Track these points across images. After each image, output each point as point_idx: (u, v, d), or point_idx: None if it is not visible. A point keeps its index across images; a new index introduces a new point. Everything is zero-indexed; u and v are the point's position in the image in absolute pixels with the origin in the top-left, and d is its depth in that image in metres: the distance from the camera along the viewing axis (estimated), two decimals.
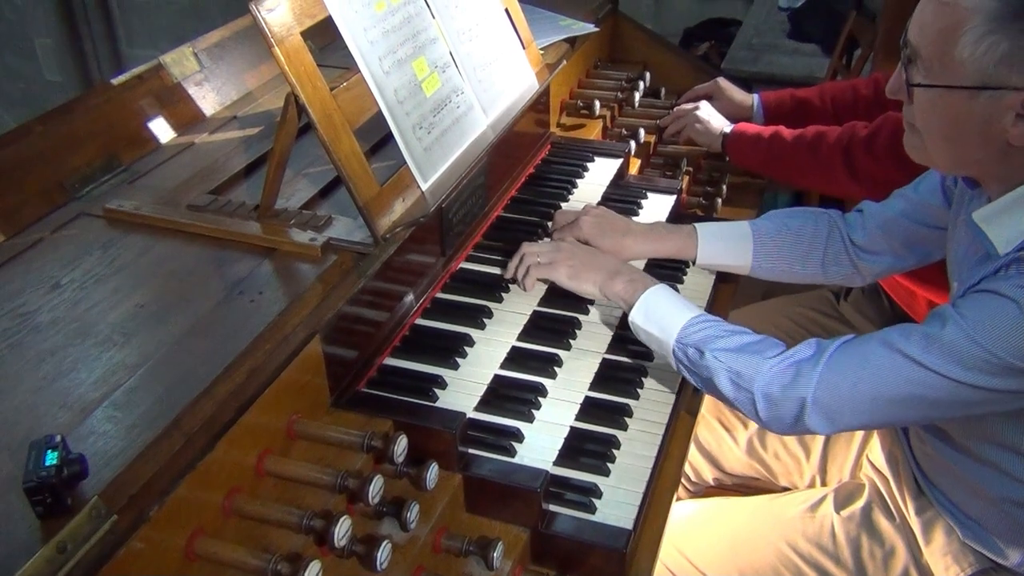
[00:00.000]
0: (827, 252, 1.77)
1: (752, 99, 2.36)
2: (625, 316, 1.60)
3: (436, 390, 1.46)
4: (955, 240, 1.52)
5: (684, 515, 1.79)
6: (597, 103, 2.27)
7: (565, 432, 1.43)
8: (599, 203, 1.99)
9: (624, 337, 1.63)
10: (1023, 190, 1.31)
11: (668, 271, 1.83)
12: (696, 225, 1.82)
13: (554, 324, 1.64)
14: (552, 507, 1.33)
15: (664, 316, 1.51)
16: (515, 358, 1.56)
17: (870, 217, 1.76)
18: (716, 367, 1.42)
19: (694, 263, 1.82)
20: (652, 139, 2.35)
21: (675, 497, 1.44)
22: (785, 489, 1.89)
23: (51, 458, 0.96)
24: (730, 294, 1.91)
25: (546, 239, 1.80)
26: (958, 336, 1.26)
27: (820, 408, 1.35)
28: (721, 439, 1.90)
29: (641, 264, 1.83)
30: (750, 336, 1.45)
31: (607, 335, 1.64)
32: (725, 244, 1.79)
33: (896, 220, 1.72)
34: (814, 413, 1.35)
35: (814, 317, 2.25)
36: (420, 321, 1.62)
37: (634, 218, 1.97)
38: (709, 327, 1.46)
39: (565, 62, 2.17)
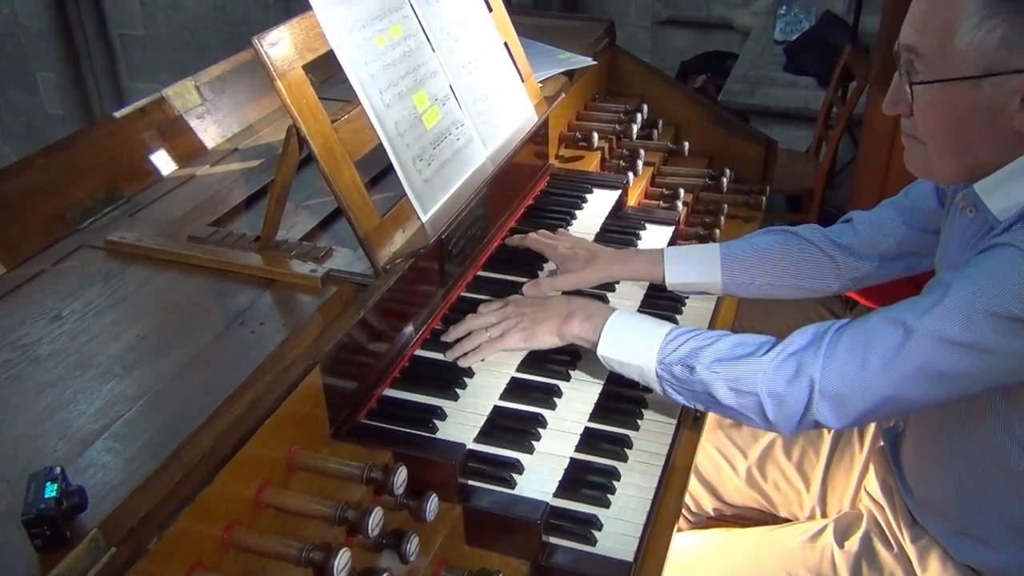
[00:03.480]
0: (800, 260, 1.75)
1: None
2: None
3: (436, 421, 1.46)
4: (948, 233, 1.51)
5: (684, 547, 1.77)
6: (595, 135, 2.28)
7: (565, 463, 1.43)
8: (597, 234, 2.00)
9: None
10: (1023, 160, 1.31)
11: (668, 299, 1.84)
12: (664, 248, 1.81)
13: (553, 355, 1.64)
14: (552, 539, 1.33)
15: (635, 341, 1.47)
16: (515, 389, 1.56)
17: (860, 223, 1.76)
18: (711, 379, 1.38)
19: (664, 285, 1.79)
20: (651, 171, 2.37)
21: (675, 528, 1.44)
22: (785, 520, 1.88)
23: (50, 490, 0.96)
24: (731, 315, 1.92)
25: (489, 304, 1.69)
26: (963, 293, 1.23)
27: (828, 397, 1.31)
28: (721, 469, 1.90)
29: (639, 294, 1.84)
30: (734, 337, 1.41)
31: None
32: (691, 263, 1.77)
33: (888, 225, 1.71)
34: (822, 403, 1.31)
35: (824, 315, 2.25)
36: (420, 352, 1.62)
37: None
38: (689, 339, 1.43)
39: (563, 95, 2.19)
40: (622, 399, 1.57)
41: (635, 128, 2.41)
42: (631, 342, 1.47)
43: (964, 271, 1.27)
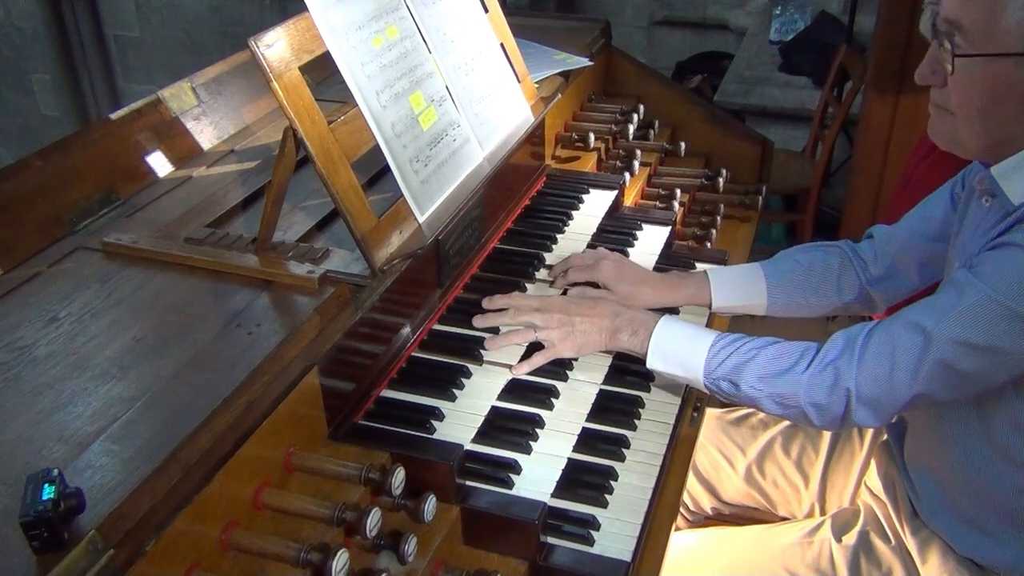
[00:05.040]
0: (841, 282, 1.79)
1: None
2: None
3: (433, 422, 1.46)
4: (963, 225, 1.53)
5: (683, 546, 1.78)
6: (591, 136, 2.29)
7: (563, 464, 1.43)
8: (594, 234, 2.00)
9: (621, 368, 1.63)
10: None
11: None
12: (708, 271, 1.83)
13: None
14: (550, 539, 1.33)
15: (682, 355, 1.52)
16: (512, 390, 1.56)
17: (881, 240, 1.78)
18: (755, 395, 1.45)
19: (710, 308, 1.82)
20: (647, 171, 2.37)
21: (673, 527, 1.44)
22: (784, 519, 1.88)
23: (48, 492, 0.96)
24: (726, 322, 1.93)
25: (527, 298, 1.71)
26: (975, 297, 1.29)
27: (864, 402, 1.39)
28: (720, 467, 1.90)
29: None
30: (774, 348, 1.47)
31: (604, 366, 1.64)
32: (738, 286, 1.81)
33: (907, 240, 1.74)
34: (859, 407, 1.39)
35: (805, 336, 2.26)
36: (417, 353, 1.62)
37: (629, 249, 1.98)
38: (731, 353, 1.48)
39: (560, 95, 2.19)
40: (620, 399, 1.58)
41: (631, 128, 2.41)
42: (678, 356, 1.53)
43: (976, 271, 1.31)
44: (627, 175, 2.23)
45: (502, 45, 2.00)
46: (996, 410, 1.41)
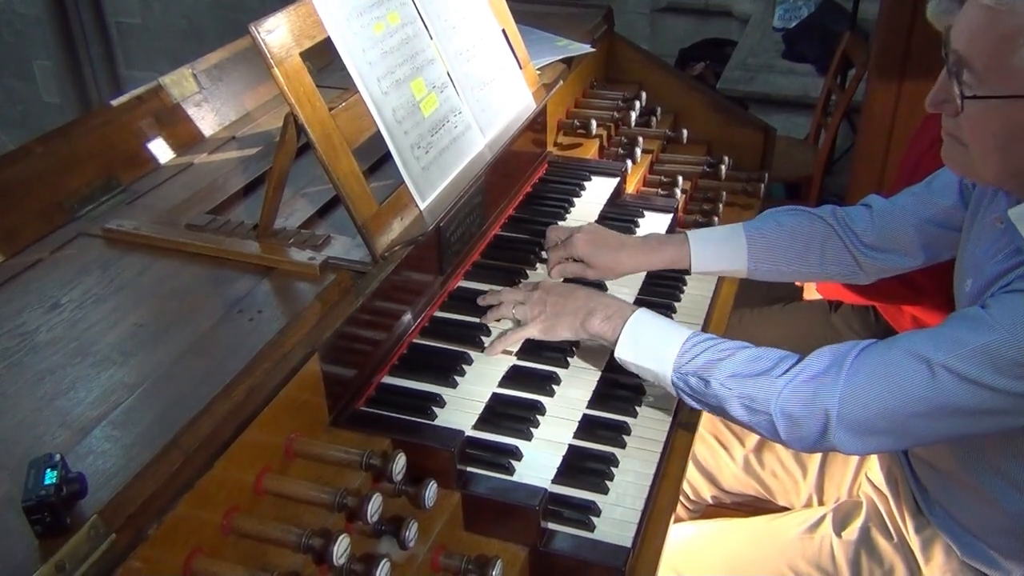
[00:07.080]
0: (825, 250, 1.74)
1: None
2: None
3: (434, 408, 1.46)
4: (974, 239, 1.47)
5: (683, 537, 1.78)
6: (593, 122, 2.28)
7: (563, 450, 1.43)
8: (596, 221, 1.99)
9: None
10: None
11: (666, 287, 1.85)
12: (688, 233, 1.79)
13: (552, 342, 1.64)
14: (551, 525, 1.33)
15: (654, 346, 1.45)
16: (513, 376, 1.56)
17: (879, 214, 1.73)
18: (725, 394, 1.37)
19: (690, 271, 1.79)
20: (649, 158, 2.37)
21: (674, 516, 1.44)
22: (783, 508, 1.89)
23: (50, 477, 0.97)
24: (729, 302, 1.93)
25: (519, 286, 1.73)
26: (990, 339, 1.21)
27: (846, 424, 1.30)
28: (718, 456, 1.90)
29: (640, 279, 1.85)
30: (751, 351, 1.39)
31: (605, 353, 1.64)
32: (718, 249, 1.76)
33: (907, 220, 1.70)
34: (840, 429, 1.30)
35: (807, 328, 2.26)
36: (418, 340, 1.62)
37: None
38: (706, 349, 1.41)
39: (562, 82, 2.18)
40: (620, 386, 1.58)
41: (633, 115, 2.41)
42: (649, 347, 1.45)
43: (991, 314, 1.24)
44: (629, 162, 2.23)
45: (504, 31, 1.99)
46: (1003, 442, 1.37)
